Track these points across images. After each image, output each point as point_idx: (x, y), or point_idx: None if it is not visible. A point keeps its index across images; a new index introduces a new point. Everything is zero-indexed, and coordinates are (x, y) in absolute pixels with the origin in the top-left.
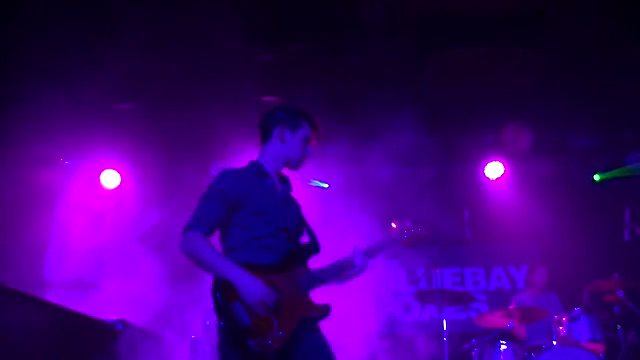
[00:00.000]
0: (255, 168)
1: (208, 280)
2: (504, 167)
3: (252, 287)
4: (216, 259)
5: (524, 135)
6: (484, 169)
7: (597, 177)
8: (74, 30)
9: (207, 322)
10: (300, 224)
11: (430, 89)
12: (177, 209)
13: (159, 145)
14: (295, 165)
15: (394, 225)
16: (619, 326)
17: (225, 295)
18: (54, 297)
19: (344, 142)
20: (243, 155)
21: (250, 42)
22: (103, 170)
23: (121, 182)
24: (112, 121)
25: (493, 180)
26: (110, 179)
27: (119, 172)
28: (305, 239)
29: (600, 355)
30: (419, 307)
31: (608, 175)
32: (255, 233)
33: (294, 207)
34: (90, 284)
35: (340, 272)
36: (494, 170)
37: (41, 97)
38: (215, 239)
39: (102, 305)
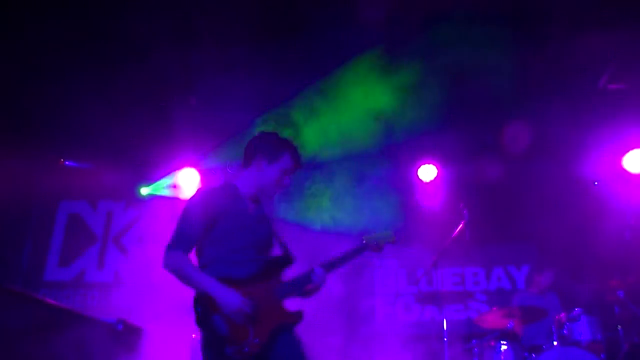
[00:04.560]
0: (231, 189)
1: None
2: (503, 167)
3: (229, 298)
4: (196, 275)
5: (524, 134)
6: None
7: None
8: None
9: None
10: (271, 238)
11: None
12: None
13: (162, 146)
14: (268, 194)
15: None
16: (619, 326)
17: (205, 308)
18: (54, 297)
19: None
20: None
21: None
22: (106, 171)
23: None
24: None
25: (493, 180)
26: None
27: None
28: (278, 252)
29: (601, 355)
30: (419, 307)
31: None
32: (229, 249)
33: (266, 224)
34: (91, 284)
35: (299, 288)
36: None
37: (41, 97)
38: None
39: (103, 305)
